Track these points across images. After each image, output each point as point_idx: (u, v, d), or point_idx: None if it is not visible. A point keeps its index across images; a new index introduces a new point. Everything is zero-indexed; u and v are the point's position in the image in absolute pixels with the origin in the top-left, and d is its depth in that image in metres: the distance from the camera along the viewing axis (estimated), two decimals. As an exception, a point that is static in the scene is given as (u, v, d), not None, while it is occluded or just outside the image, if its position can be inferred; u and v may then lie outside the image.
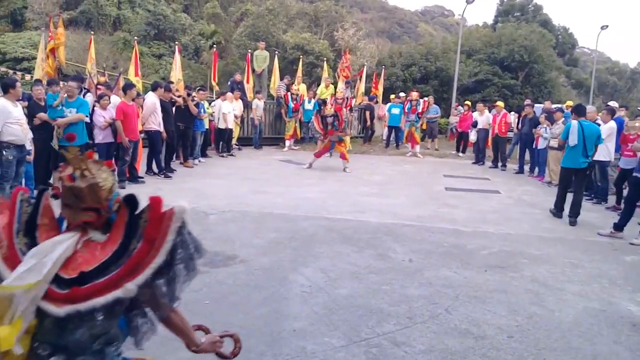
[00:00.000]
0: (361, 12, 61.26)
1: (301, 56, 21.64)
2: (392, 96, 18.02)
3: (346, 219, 7.49)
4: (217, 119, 13.48)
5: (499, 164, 14.23)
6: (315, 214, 7.76)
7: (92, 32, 18.74)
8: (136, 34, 28.30)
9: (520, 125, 13.76)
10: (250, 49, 19.16)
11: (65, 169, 1.85)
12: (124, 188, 7.98)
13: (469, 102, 17.76)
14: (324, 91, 17.02)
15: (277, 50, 20.93)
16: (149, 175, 10.52)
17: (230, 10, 39.41)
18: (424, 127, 17.37)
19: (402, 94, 18.01)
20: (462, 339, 3.87)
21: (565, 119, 10.71)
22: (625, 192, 8.77)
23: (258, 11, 30.65)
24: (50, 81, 9.51)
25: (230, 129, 14.01)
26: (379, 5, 71.66)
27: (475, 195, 10.04)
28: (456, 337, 3.89)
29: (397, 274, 5.24)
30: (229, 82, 16.72)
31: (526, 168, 13.51)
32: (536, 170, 12.92)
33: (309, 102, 16.08)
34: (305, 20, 31.41)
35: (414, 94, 15.94)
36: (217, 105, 13.70)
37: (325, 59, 21.92)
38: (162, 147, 10.90)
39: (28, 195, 1.94)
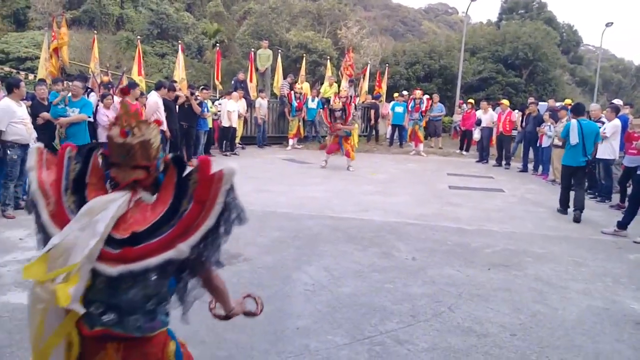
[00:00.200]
0: (364, 10, 61.17)
1: (304, 55, 21.60)
2: (396, 94, 18.01)
3: (350, 218, 7.50)
4: (223, 116, 13.52)
5: (503, 162, 14.21)
6: (319, 212, 7.77)
7: (95, 32, 18.83)
8: (139, 33, 28.36)
9: (524, 124, 13.72)
10: (253, 47, 19.16)
11: (114, 126, 1.84)
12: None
13: (472, 100, 17.72)
14: (328, 90, 17.04)
15: (280, 49, 20.95)
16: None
17: (233, 9, 39.47)
18: (424, 125, 17.31)
19: (405, 92, 17.99)
20: (465, 337, 3.87)
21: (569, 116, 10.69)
22: (629, 190, 8.76)
23: (261, 10, 30.67)
24: (55, 80, 9.57)
25: (234, 128, 14.04)
26: (383, 3, 71.55)
27: (479, 194, 10.03)
28: (459, 335, 3.90)
29: (401, 273, 5.24)
30: (232, 81, 16.74)
31: (530, 166, 13.49)
32: (540, 168, 12.89)
33: (313, 100, 16.10)
34: (308, 18, 31.41)
35: (418, 92, 15.95)
36: (223, 104, 13.75)
37: (328, 57, 21.86)
38: (166, 146, 10.92)
39: (75, 153, 1.92)
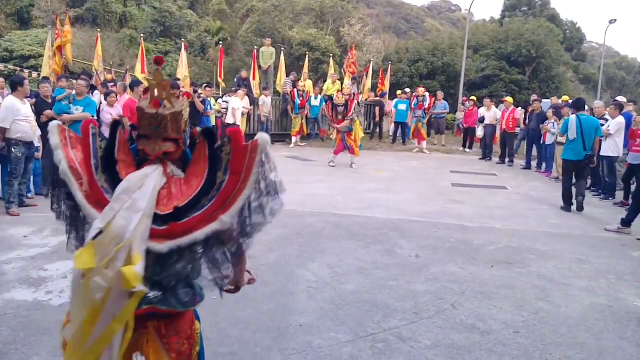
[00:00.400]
0: (367, 7, 61.02)
1: (307, 52, 21.61)
2: (399, 92, 17.98)
3: (353, 215, 7.51)
4: (228, 114, 13.55)
5: (506, 159, 14.19)
6: (322, 210, 7.78)
7: (98, 30, 18.86)
8: (142, 31, 28.39)
9: (527, 121, 13.69)
10: (256, 45, 19.14)
11: (144, 98, 1.82)
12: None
13: (474, 98, 17.69)
14: (331, 87, 17.02)
15: (283, 47, 20.93)
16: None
17: (236, 6, 39.40)
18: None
19: (407, 90, 17.96)
20: (468, 335, 3.88)
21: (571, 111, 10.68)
22: (633, 187, 8.74)
23: (264, 7, 30.60)
24: (60, 76, 9.64)
25: (238, 125, 14.04)
26: (386, 0, 71.34)
27: (482, 191, 10.02)
28: (462, 333, 3.90)
29: (404, 270, 5.25)
30: (235, 79, 16.73)
31: (533, 164, 13.46)
32: (544, 166, 12.87)
33: (315, 98, 16.08)
34: (311, 16, 31.32)
35: (421, 90, 15.92)
36: (230, 102, 13.83)
37: (331, 55, 21.83)
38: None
39: (98, 129, 1.88)
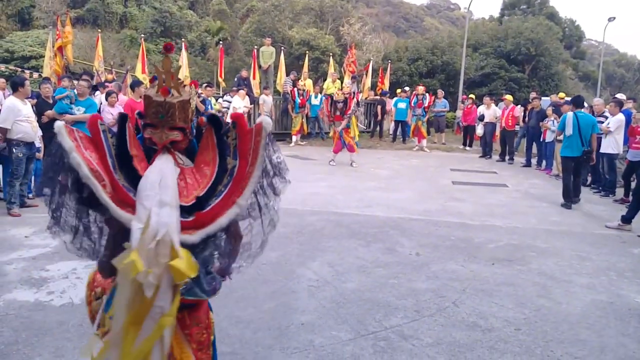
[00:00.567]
0: (367, 6, 61.01)
1: (307, 52, 21.63)
2: (399, 91, 17.99)
3: (353, 214, 7.52)
4: (229, 113, 13.61)
5: (506, 157, 14.20)
6: (323, 208, 7.78)
7: (99, 30, 18.87)
8: (143, 32, 28.40)
9: (527, 119, 13.70)
10: (256, 45, 19.15)
11: (151, 86, 1.83)
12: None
13: (472, 96, 17.69)
14: (330, 86, 17.02)
15: (283, 46, 20.93)
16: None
17: (236, 6, 39.41)
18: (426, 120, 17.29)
19: (407, 89, 17.97)
20: (469, 332, 3.88)
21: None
22: (633, 184, 8.74)
23: (264, 7, 30.62)
24: (62, 76, 9.68)
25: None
26: (385, -1, 71.42)
27: (483, 189, 10.02)
28: (464, 330, 3.91)
29: (405, 268, 5.26)
30: (236, 79, 16.75)
31: (533, 161, 13.47)
32: (544, 163, 12.87)
33: (316, 97, 16.07)
34: (310, 15, 31.32)
35: (420, 88, 15.92)
36: (233, 101, 13.94)
37: (331, 54, 21.84)
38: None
39: (105, 124, 1.88)
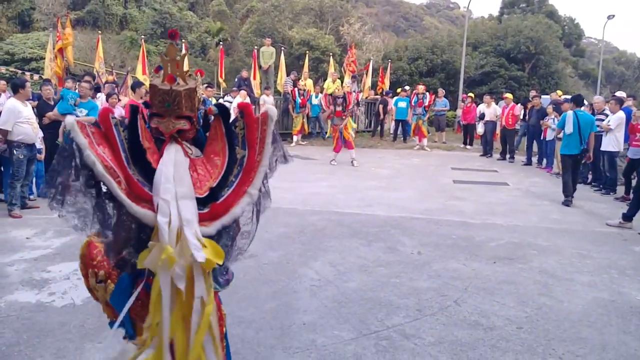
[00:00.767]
0: (366, 6, 61.05)
1: (307, 52, 21.64)
2: (399, 90, 17.99)
3: (355, 213, 7.52)
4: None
5: (507, 156, 14.19)
6: (324, 208, 7.79)
7: (99, 32, 18.88)
8: (143, 33, 28.40)
9: (527, 117, 13.69)
10: (256, 45, 19.16)
11: (157, 76, 1.82)
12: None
13: (472, 94, 17.68)
14: (331, 86, 17.00)
15: (283, 46, 20.95)
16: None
17: (235, 7, 39.47)
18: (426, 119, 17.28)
19: (407, 88, 17.97)
20: (471, 331, 3.89)
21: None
22: (634, 182, 8.74)
23: (263, 8, 30.66)
24: (67, 77, 9.75)
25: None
26: (384, -1, 71.41)
27: (483, 188, 10.03)
28: (465, 329, 3.91)
29: (406, 267, 5.26)
30: (236, 79, 16.75)
31: (534, 160, 13.46)
32: (544, 161, 12.87)
33: (316, 97, 16.09)
34: (310, 15, 31.35)
35: (421, 87, 15.92)
36: (234, 101, 13.95)
37: (331, 54, 21.85)
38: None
39: (116, 118, 1.87)
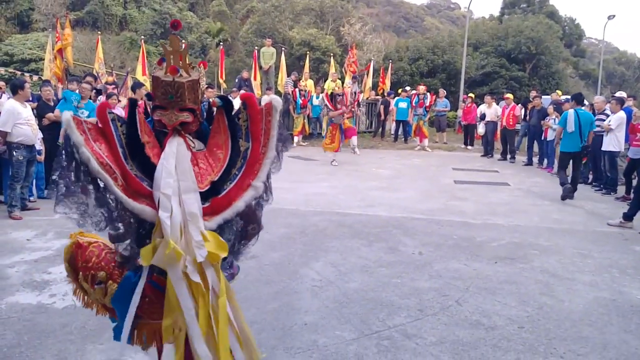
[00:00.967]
0: (367, 6, 61.09)
1: (308, 52, 21.64)
2: (400, 90, 17.99)
3: (356, 214, 7.52)
4: None
5: (508, 156, 14.19)
6: (325, 208, 7.79)
7: (99, 32, 18.87)
8: (143, 33, 28.41)
9: (528, 117, 13.70)
10: (256, 46, 19.17)
11: (159, 68, 1.81)
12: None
13: (472, 95, 17.68)
14: (331, 86, 17.04)
15: (283, 47, 20.95)
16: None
17: (236, 7, 39.50)
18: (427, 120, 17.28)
19: (408, 88, 17.97)
20: (472, 330, 3.88)
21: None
22: (634, 182, 8.74)
23: (264, 8, 30.65)
24: (71, 79, 9.79)
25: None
26: (385, -1, 71.45)
27: (484, 188, 10.02)
28: (467, 329, 3.91)
29: (407, 267, 5.26)
30: (237, 80, 16.78)
31: (535, 160, 13.47)
32: (545, 161, 12.87)
33: (317, 97, 16.08)
34: (311, 16, 31.35)
35: (422, 88, 15.92)
36: (234, 102, 13.92)
37: (332, 54, 21.85)
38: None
39: (114, 113, 1.85)
